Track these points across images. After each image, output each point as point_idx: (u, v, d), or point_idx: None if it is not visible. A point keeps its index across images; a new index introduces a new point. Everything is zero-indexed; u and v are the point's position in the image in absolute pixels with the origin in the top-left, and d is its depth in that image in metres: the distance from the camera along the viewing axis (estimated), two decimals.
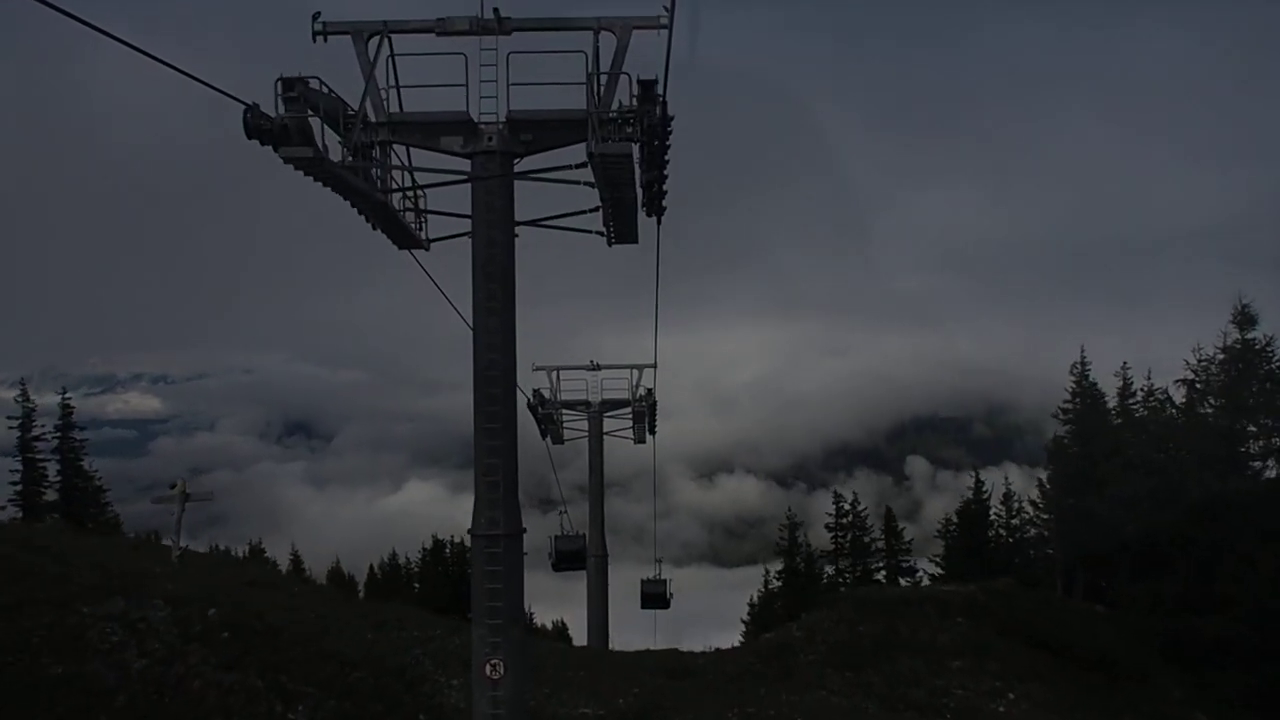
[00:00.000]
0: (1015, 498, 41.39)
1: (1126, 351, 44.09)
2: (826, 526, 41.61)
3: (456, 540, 55.13)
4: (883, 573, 41.15)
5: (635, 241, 14.58)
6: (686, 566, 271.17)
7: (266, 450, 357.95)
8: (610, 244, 14.38)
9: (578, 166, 12.05)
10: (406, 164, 13.12)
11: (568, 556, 31.20)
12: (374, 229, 13.56)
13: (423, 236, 13.93)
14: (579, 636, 36.14)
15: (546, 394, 31.95)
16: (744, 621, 55.92)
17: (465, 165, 12.53)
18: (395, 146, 12.70)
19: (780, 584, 43.99)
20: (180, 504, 22.29)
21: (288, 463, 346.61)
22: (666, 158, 11.96)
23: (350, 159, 11.99)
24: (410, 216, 13.66)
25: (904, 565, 40.65)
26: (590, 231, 14.19)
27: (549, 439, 32.74)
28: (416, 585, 55.38)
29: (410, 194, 13.60)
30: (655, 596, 44.82)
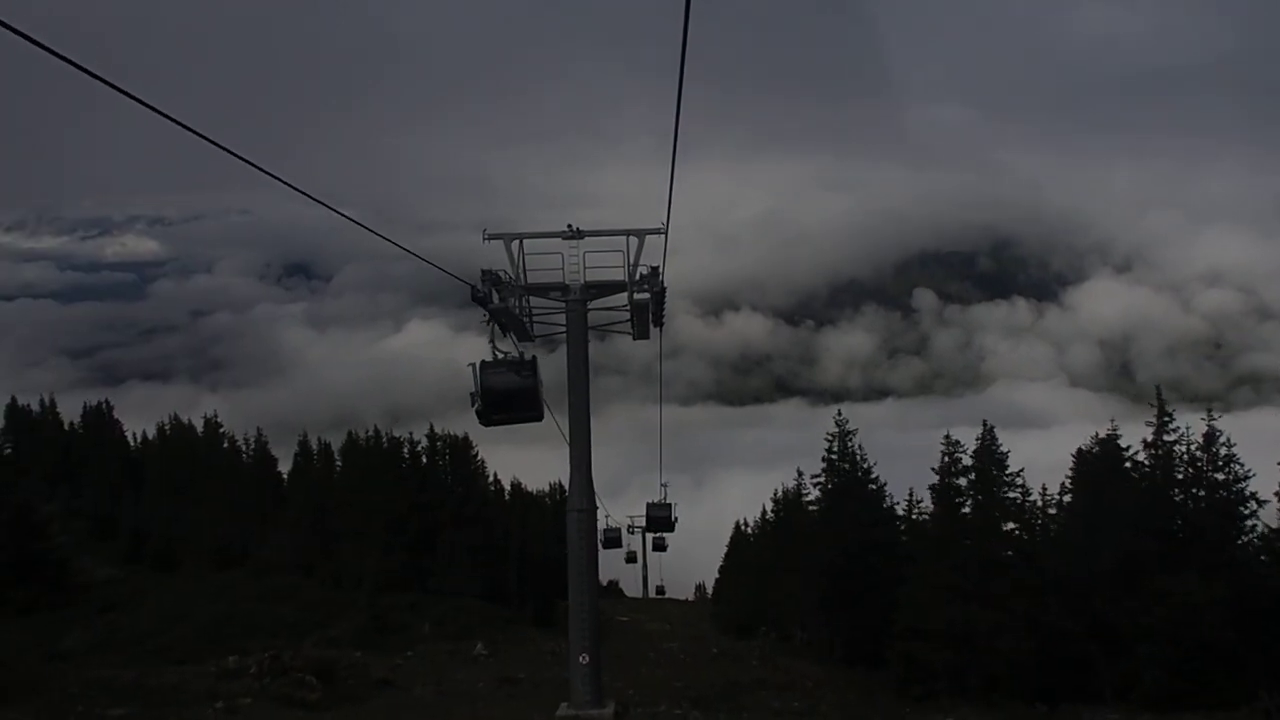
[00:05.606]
0: (1222, 441, 24.48)
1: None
2: None
3: (416, 439, 47.51)
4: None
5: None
6: (693, 405, 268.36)
7: (266, 291, 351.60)
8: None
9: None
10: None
11: (502, 399, 19.61)
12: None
13: None
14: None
15: (505, 275, 21.40)
16: (768, 515, 47.99)
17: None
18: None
19: (821, 495, 34.89)
20: None
21: (288, 304, 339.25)
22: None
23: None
24: None
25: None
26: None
27: (511, 335, 22.29)
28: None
29: None
30: (661, 520, 40.84)
